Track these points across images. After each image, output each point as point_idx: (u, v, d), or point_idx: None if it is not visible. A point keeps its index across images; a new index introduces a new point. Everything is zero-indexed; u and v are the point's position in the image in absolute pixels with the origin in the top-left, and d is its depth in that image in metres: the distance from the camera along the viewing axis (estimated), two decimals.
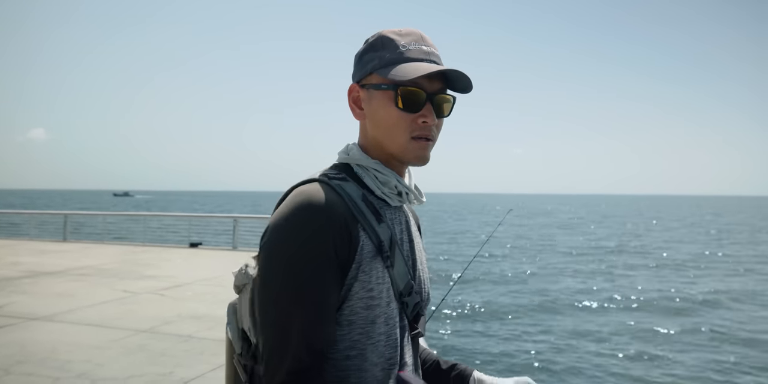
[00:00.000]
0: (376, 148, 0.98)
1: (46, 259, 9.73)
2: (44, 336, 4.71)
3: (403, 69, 0.91)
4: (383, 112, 0.94)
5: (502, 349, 8.84)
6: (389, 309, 0.92)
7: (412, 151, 0.94)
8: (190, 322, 5.24)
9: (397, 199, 0.99)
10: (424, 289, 1.03)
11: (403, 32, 0.96)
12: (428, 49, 0.96)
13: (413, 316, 0.99)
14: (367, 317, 0.89)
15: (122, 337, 4.70)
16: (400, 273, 0.95)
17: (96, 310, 5.71)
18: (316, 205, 0.86)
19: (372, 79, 0.96)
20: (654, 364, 8.23)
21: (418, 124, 0.93)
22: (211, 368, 3.91)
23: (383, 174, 0.97)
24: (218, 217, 15.64)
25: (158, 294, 6.66)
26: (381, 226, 0.93)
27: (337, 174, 0.96)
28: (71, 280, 7.60)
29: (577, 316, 11.50)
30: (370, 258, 0.90)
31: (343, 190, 0.92)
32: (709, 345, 9.28)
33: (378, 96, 0.95)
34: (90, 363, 4.00)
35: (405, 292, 0.96)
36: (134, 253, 11.01)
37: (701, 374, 7.75)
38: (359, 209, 0.91)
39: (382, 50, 0.95)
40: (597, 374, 7.68)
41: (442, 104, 0.96)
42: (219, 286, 7.19)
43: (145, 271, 8.47)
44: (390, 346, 0.93)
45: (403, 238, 1.00)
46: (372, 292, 0.89)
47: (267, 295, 0.86)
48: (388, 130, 0.94)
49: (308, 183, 0.92)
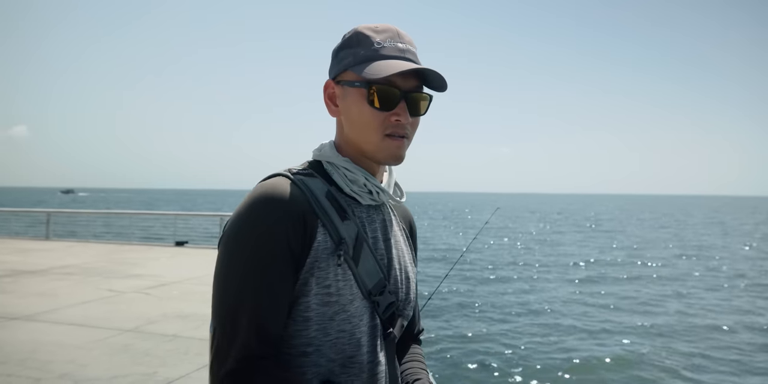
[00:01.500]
0: (350, 146, 0.98)
1: (28, 258, 9.56)
2: (25, 336, 4.62)
3: (376, 67, 0.90)
4: (356, 109, 0.94)
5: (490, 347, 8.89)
6: (352, 306, 0.91)
7: (385, 149, 0.94)
8: (176, 322, 5.18)
9: (369, 198, 0.98)
10: (401, 289, 1.01)
11: (379, 29, 0.95)
12: (404, 46, 0.95)
13: (387, 316, 0.98)
14: (324, 314, 0.89)
15: (106, 336, 4.63)
16: (368, 271, 0.94)
17: (79, 310, 5.62)
18: (273, 198, 0.87)
19: (346, 76, 0.95)
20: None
21: (392, 122, 0.93)
22: (196, 368, 3.87)
23: (352, 172, 0.96)
24: (205, 215, 15.53)
25: (143, 293, 6.58)
26: (345, 223, 0.92)
27: (302, 170, 0.96)
28: (54, 279, 7.47)
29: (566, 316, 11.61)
30: (327, 254, 0.89)
31: (305, 185, 0.92)
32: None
33: (352, 93, 0.94)
34: (73, 363, 3.93)
35: (375, 291, 0.95)
36: (119, 251, 10.87)
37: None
38: (320, 205, 0.91)
39: (357, 47, 0.94)
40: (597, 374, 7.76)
41: (418, 102, 0.95)
42: (205, 285, 7.13)
43: (130, 270, 8.36)
44: (353, 344, 0.92)
45: (377, 237, 0.99)
46: (329, 288, 0.89)
47: (220, 283, 0.87)
48: (361, 128, 0.94)
49: (271, 178, 0.93)
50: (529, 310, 11.91)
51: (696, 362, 8.30)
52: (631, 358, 8.39)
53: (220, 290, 0.87)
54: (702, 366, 8.14)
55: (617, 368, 7.94)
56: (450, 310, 11.69)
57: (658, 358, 8.40)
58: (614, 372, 7.78)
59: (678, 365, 8.09)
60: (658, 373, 7.73)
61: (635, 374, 7.69)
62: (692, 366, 8.12)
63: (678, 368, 7.94)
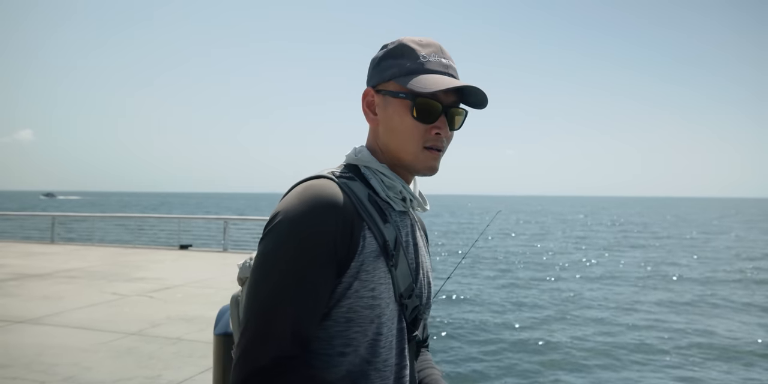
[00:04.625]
0: (386, 154, 0.99)
1: (33, 262, 9.60)
2: (30, 339, 4.63)
3: (423, 80, 0.92)
4: (398, 119, 0.95)
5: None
6: (389, 310, 0.92)
7: (423, 160, 0.96)
8: (180, 325, 5.19)
9: (401, 204, 1.00)
10: (424, 293, 1.03)
11: (424, 42, 0.97)
12: (447, 62, 0.97)
13: (411, 319, 0.99)
14: (367, 316, 0.89)
15: (110, 339, 4.64)
16: (402, 274, 0.95)
17: (84, 313, 5.64)
18: (324, 200, 0.86)
19: (389, 86, 0.96)
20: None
21: (432, 135, 0.95)
22: (200, 371, 3.87)
23: (389, 178, 0.98)
24: (209, 218, 15.56)
25: (147, 296, 6.59)
26: (387, 226, 0.94)
27: (344, 173, 0.97)
28: (59, 282, 7.50)
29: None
30: (374, 257, 0.90)
31: (350, 188, 0.92)
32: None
33: (394, 103, 0.95)
34: (77, 366, 3.94)
35: (405, 294, 0.96)
36: (123, 255, 10.90)
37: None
38: (365, 208, 0.92)
39: (402, 58, 0.96)
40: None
41: (455, 117, 0.97)
42: (209, 288, 7.14)
43: (134, 273, 8.38)
44: (386, 347, 0.93)
45: (409, 241, 1.01)
46: (374, 291, 0.89)
47: (258, 281, 0.85)
48: (401, 138, 0.95)
49: (315, 179, 0.92)
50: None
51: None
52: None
53: (258, 288, 0.85)
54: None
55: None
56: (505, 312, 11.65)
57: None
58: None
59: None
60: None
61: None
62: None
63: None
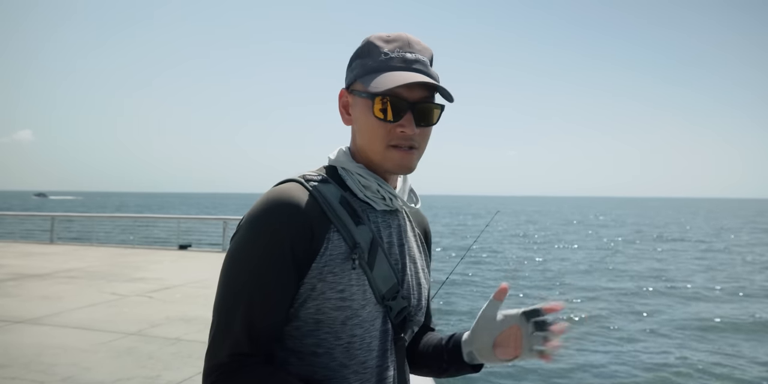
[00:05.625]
0: (361, 154, 0.99)
1: (32, 262, 9.60)
2: (29, 339, 4.64)
3: (380, 79, 0.91)
4: (363, 119, 0.95)
5: None
6: (364, 311, 0.92)
7: (391, 159, 0.95)
8: (179, 325, 5.19)
9: (383, 203, 0.99)
10: (413, 295, 1.02)
11: (390, 38, 0.96)
12: (413, 56, 0.95)
13: (398, 321, 0.98)
14: (336, 318, 0.89)
15: (110, 340, 4.64)
16: (382, 276, 0.94)
17: (83, 313, 5.64)
18: (281, 203, 0.89)
19: (356, 86, 0.97)
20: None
21: (396, 133, 0.93)
22: (199, 371, 3.87)
23: (365, 178, 0.97)
24: (208, 219, 15.55)
25: (147, 296, 6.60)
26: (359, 227, 0.93)
27: (316, 175, 0.97)
28: (58, 282, 7.51)
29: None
30: (342, 259, 0.90)
31: (318, 190, 0.93)
32: None
33: (360, 103, 0.96)
34: (76, 366, 3.95)
35: (389, 296, 0.95)
36: (123, 255, 10.90)
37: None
38: (333, 210, 0.92)
39: (367, 57, 0.96)
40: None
41: (426, 112, 0.95)
42: (208, 289, 7.14)
43: (133, 274, 8.39)
44: (364, 349, 0.93)
45: (392, 242, 1.00)
46: (343, 293, 0.89)
47: (222, 281, 0.91)
48: (367, 138, 0.96)
49: (284, 183, 0.95)
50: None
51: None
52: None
53: (219, 287, 0.92)
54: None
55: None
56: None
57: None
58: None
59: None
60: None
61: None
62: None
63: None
